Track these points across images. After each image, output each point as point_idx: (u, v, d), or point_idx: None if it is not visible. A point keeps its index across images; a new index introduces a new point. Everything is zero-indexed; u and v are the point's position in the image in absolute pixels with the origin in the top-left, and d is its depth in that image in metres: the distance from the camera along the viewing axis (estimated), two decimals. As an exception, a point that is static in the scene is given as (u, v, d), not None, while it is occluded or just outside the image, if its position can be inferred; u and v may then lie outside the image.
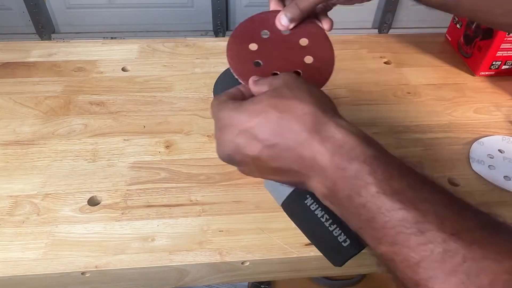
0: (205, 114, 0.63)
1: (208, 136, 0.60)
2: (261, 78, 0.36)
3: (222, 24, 1.55)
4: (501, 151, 0.59)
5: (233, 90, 0.37)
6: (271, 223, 0.49)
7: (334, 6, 0.46)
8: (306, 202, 0.35)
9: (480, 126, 0.64)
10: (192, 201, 0.51)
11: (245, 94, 0.36)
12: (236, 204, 0.51)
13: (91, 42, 0.77)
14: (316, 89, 0.34)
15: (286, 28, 0.43)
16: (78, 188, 0.52)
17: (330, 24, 0.44)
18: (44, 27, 1.52)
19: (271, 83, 0.34)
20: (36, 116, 0.62)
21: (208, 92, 0.67)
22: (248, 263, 0.47)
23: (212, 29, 1.58)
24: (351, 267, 0.42)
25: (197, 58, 0.74)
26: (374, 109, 0.66)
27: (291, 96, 0.31)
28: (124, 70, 0.71)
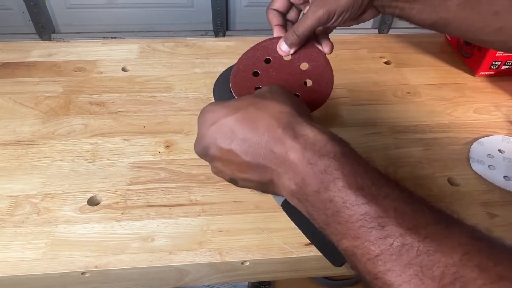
0: (205, 114, 0.63)
1: (208, 136, 0.60)
2: None
3: (222, 24, 1.55)
4: (501, 151, 0.59)
5: None
6: (271, 223, 0.49)
7: (334, 28, 0.47)
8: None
9: (480, 126, 0.64)
10: (192, 201, 0.52)
11: None
12: (236, 204, 0.51)
13: (91, 42, 0.77)
14: (297, 98, 0.37)
15: (286, 54, 0.45)
16: (78, 188, 0.52)
17: (330, 47, 0.46)
18: (44, 27, 1.52)
19: (258, 90, 0.37)
20: (36, 116, 0.62)
21: (208, 92, 0.67)
22: (248, 263, 0.47)
23: (212, 29, 1.58)
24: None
25: (197, 58, 0.74)
26: (374, 109, 0.66)
27: (271, 98, 0.34)
28: (124, 70, 0.71)
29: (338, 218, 0.28)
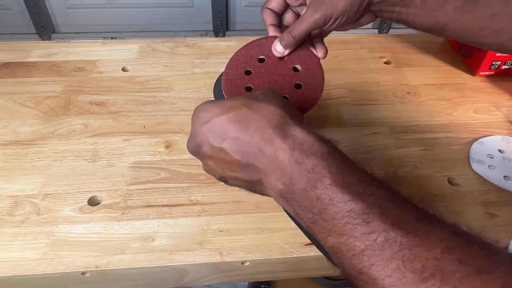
0: (205, 114, 0.63)
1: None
2: None
3: (222, 24, 1.55)
4: (501, 151, 0.59)
5: None
6: (271, 223, 0.49)
7: (330, 32, 0.47)
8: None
9: (480, 126, 0.64)
10: (192, 201, 0.52)
11: None
12: (236, 204, 0.51)
13: (91, 42, 0.77)
14: (289, 102, 0.37)
15: (281, 54, 0.46)
16: (78, 188, 0.52)
17: (324, 52, 0.46)
18: (44, 27, 1.52)
19: (251, 93, 0.38)
20: (36, 116, 0.62)
21: (208, 92, 0.67)
22: (248, 263, 0.47)
23: (212, 29, 1.58)
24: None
25: (197, 58, 0.74)
26: (374, 109, 0.66)
27: (264, 100, 0.35)
28: (124, 70, 0.71)
29: (324, 215, 0.29)
